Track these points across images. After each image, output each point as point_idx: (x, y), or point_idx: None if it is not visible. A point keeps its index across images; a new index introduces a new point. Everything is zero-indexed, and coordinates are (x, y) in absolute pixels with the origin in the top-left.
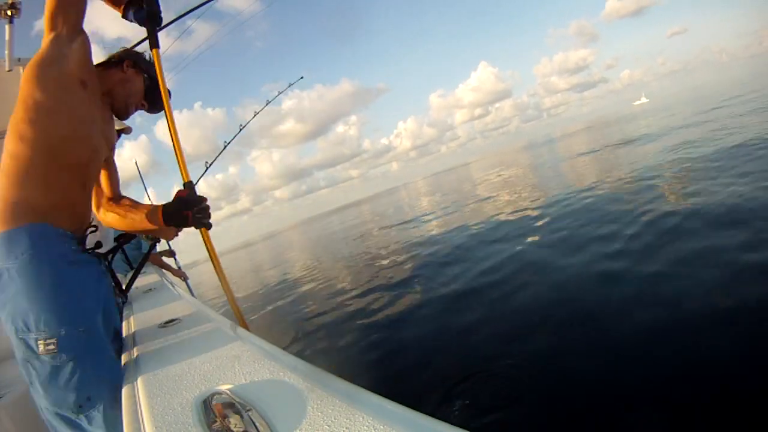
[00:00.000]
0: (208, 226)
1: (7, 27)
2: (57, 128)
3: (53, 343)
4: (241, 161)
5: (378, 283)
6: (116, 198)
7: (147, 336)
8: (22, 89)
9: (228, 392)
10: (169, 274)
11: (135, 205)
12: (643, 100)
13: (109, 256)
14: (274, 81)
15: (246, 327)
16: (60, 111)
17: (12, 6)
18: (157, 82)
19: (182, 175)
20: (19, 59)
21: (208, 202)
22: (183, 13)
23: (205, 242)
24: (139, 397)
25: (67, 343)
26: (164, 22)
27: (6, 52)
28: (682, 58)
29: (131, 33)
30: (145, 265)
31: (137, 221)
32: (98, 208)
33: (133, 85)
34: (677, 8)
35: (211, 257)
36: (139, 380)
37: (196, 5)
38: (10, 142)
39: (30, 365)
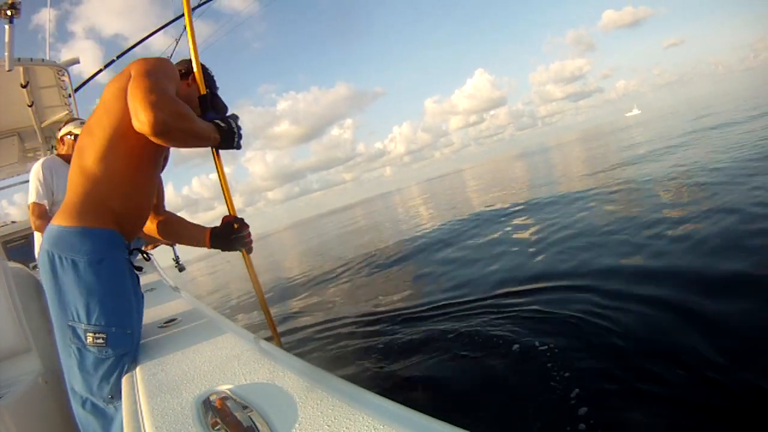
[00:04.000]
0: (249, 250)
1: (7, 27)
2: (144, 156)
3: (103, 338)
4: (236, 162)
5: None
6: (160, 211)
7: (147, 335)
8: (111, 113)
9: (228, 392)
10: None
11: (180, 222)
12: (635, 111)
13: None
14: (271, 83)
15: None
16: (143, 153)
17: (12, 6)
18: (216, 94)
19: (229, 210)
20: (19, 59)
21: (248, 230)
22: (180, 15)
23: (246, 264)
24: (139, 397)
25: (114, 341)
26: (163, 22)
27: (6, 52)
28: (678, 70)
29: (129, 30)
30: (143, 265)
31: (182, 238)
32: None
33: (194, 100)
34: (674, 20)
35: (251, 278)
36: (139, 380)
37: (195, 5)
38: (98, 148)
39: (72, 351)
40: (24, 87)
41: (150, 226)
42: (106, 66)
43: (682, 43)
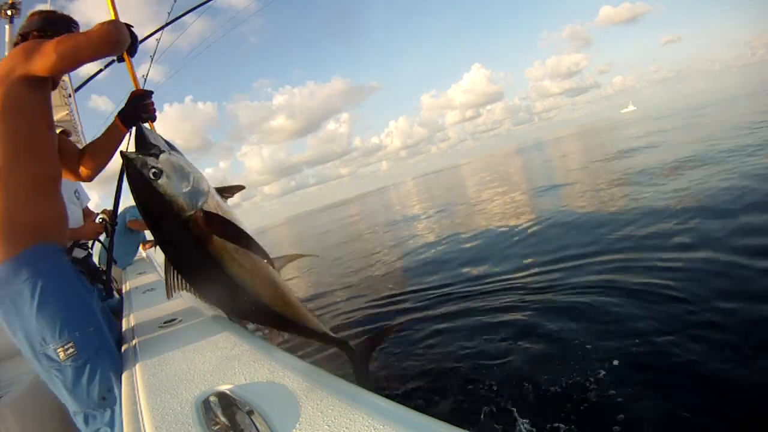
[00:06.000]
0: (153, 118)
1: (7, 27)
2: (33, 147)
3: (72, 347)
4: (231, 156)
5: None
6: (77, 158)
7: (147, 335)
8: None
9: (228, 392)
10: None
11: (95, 141)
12: (631, 108)
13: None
14: (267, 77)
15: None
16: (38, 143)
17: (12, 6)
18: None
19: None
20: None
21: (152, 98)
22: (182, 14)
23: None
24: (139, 397)
25: (82, 343)
26: (163, 23)
27: (6, 52)
28: (674, 67)
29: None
30: (143, 265)
31: (110, 144)
32: (76, 171)
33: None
34: (671, 17)
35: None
36: (139, 380)
37: (194, 5)
38: None
39: (54, 376)
40: None
41: (88, 167)
42: (106, 66)
43: (679, 40)
